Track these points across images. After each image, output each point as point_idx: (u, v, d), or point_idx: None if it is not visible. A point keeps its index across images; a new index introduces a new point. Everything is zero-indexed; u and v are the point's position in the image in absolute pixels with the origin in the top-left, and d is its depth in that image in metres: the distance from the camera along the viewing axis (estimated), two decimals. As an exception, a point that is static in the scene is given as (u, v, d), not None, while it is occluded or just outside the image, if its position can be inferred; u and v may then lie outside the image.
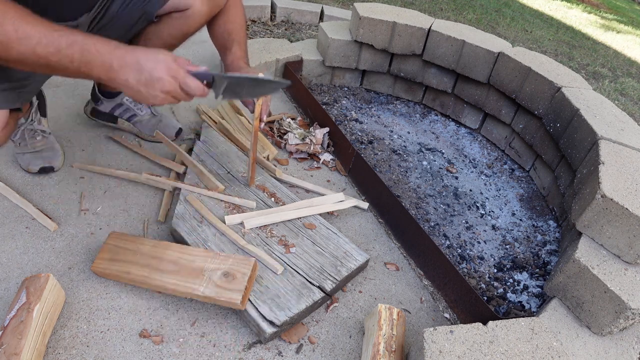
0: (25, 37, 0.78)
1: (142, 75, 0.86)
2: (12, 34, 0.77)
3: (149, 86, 0.87)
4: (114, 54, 0.84)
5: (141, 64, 0.85)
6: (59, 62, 0.81)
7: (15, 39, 0.77)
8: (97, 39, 0.84)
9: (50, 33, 0.80)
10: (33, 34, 0.78)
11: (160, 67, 0.86)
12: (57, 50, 0.80)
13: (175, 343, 1.00)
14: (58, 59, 0.81)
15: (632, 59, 4.33)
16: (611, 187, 1.16)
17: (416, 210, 1.55)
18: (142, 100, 0.89)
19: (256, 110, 1.21)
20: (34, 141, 1.35)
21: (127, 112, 1.52)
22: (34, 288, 0.94)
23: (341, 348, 1.07)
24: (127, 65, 0.85)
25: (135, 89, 0.87)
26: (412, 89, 2.23)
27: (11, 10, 0.77)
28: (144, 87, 0.87)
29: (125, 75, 0.85)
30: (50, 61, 0.81)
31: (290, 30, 2.83)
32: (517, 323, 0.98)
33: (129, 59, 0.85)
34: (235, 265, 1.05)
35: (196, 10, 1.23)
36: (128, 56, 0.85)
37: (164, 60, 0.87)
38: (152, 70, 0.86)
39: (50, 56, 0.80)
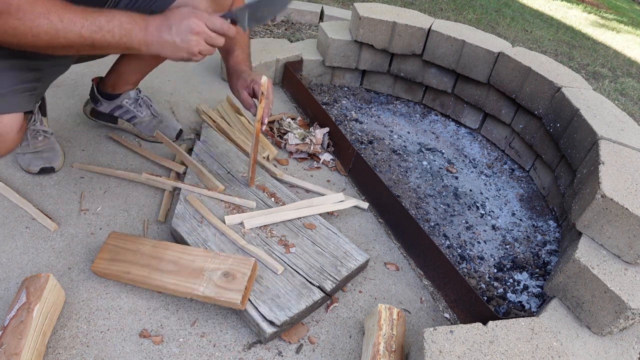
0: (70, 24, 0.87)
1: (172, 26, 0.95)
2: (58, 24, 0.86)
3: (180, 33, 0.95)
4: (146, 19, 0.95)
5: (169, 18, 0.96)
6: (103, 39, 0.91)
7: (62, 28, 0.86)
8: (129, 12, 0.94)
9: (90, 15, 0.89)
10: (76, 19, 0.88)
11: (185, 14, 0.96)
12: (99, 28, 0.89)
13: (175, 343, 1.00)
14: (101, 35, 0.90)
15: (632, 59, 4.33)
16: (611, 187, 1.16)
17: (416, 210, 1.55)
18: (178, 51, 0.97)
19: (258, 113, 1.21)
20: (35, 141, 1.35)
21: (127, 114, 1.52)
22: (34, 288, 0.94)
23: (341, 348, 1.07)
24: (159, 24, 0.95)
25: (170, 41, 0.95)
26: (412, 89, 2.23)
27: (53, 3, 0.86)
28: (176, 36, 0.95)
29: (160, 34, 0.95)
30: (94, 39, 0.90)
31: (290, 30, 2.83)
32: (517, 323, 0.98)
33: (159, 21, 0.96)
34: (235, 265, 1.05)
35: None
36: (157, 18, 0.96)
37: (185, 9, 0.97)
38: (180, 19, 0.95)
39: (94, 34, 0.90)
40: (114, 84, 1.47)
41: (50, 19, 0.85)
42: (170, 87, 1.91)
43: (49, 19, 0.85)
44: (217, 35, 1.00)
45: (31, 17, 0.84)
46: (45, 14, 0.85)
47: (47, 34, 0.86)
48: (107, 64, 1.47)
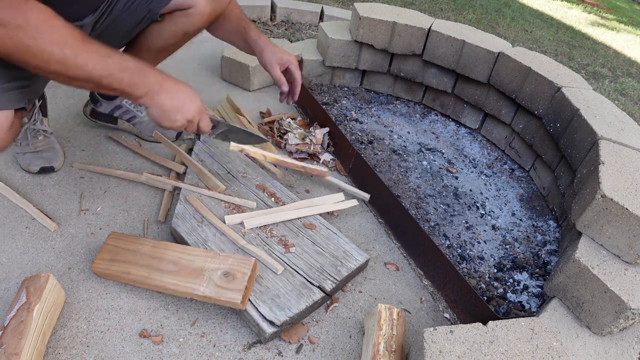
0: (83, 63, 0.85)
1: (176, 102, 0.99)
2: (71, 59, 0.84)
3: (178, 112, 1.00)
4: (156, 79, 0.97)
5: (178, 94, 1.00)
6: (109, 84, 0.91)
7: (73, 64, 0.85)
8: (143, 64, 0.96)
9: (105, 59, 0.88)
10: (89, 61, 0.86)
11: (192, 101, 1.02)
12: (110, 75, 0.89)
13: (175, 343, 1.00)
14: (109, 81, 0.90)
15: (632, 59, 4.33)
16: (611, 187, 1.16)
17: (416, 210, 1.55)
18: (164, 121, 1.01)
19: None
20: (35, 141, 1.35)
21: (127, 114, 1.52)
22: (34, 288, 0.94)
23: (341, 348, 1.07)
24: (167, 90, 0.98)
25: (165, 111, 0.99)
26: (412, 89, 2.23)
27: (72, 36, 0.84)
28: (174, 112, 1.00)
29: (163, 99, 0.98)
30: (101, 82, 0.90)
31: (290, 30, 2.83)
32: (517, 323, 0.98)
33: (169, 86, 0.99)
34: (236, 265, 1.05)
35: (199, 10, 1.23)
36: (168, 83, 0.99)
37: (195, 97, 1.04)
38: (184, 101, 1.01)
39: (103, 79, 0.89)
40: None
41: (64, 51, 0.83)
42: (170, 87, 1.91)
43: (63, 51, 0.83)
44: (196, 129, 1.09)
45: (46, 42, 0.81)
46: (61, 45, 0.83)
47: (57, 64, 0.84)
48: (107, 64, 1.46)
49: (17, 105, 1.02)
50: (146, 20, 1.22)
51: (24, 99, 1.04)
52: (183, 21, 1.25)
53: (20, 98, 1.03)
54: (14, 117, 1.01)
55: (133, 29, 1.24)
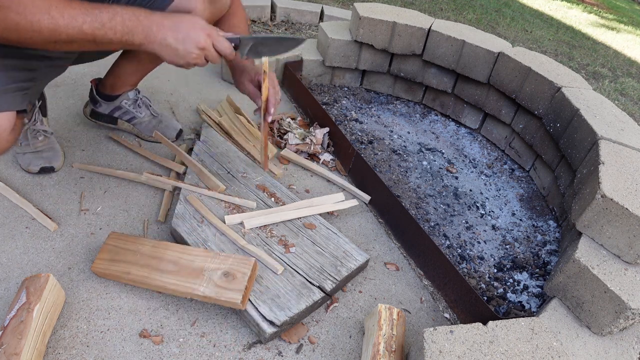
0: (71, 19, 0.85)
1: (179, 33, 0.94)
2: (59, 19, 0.84)
3: (186, 42, 0.95)
4: (151, 19, 0.93)
5: (178, 24, 0.95)
6: (105, 36, 0.89)
7: (63, 24, 0.85)
8: (134, 8, 0.92)
9: (92, 11, 0.87)
10: (78, 15, 0.86)
11: (197, 26, 0.96)
12: (102, 25, 0.88)
13: (175, 343, 1.00)
14: (103, 32, 0.89)
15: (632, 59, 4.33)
16: (611, 187, 1.16)
17: (416, 210, 1.55)
18: (178, 58, 0.97)
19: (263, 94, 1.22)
20: (35, 141, 1.35)
21: (127, 114, 1.52)
22: (34, 288, 0.94)
23: (341, 348, 1.07)
24: (165, 26, 0.94)
25: (173, 47, 0.95)
26: (412, 89, 2.23)
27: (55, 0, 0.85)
28: (181, 44, 0.95)
29: (164, 35, 0.94)
30: (96, 36, 0.89)
31: (290, 30, 2.83)
32: (517, 323, 0.98)
33: (166, 22, 0.94)
34: (235, 265, 1.05)
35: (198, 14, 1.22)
36: (165, 20, 0.94)
37: (199, 21, 0.97)
38: (189, 29, 0.95)
39: (96, 31, 0.88)
40: (113, 85, 1.47)
41: (51, 14, 0.84)
42: (170, 87, 1.91)
43: (50, 14, 0.84)
44: (217, 54, 1.02)
45: (32, 11, 0.82)
46: (46, 9, 0.84)
47: (48, 30, 0.85)
48: (107, 64, 1.47)
49: (19, 107, 1.02)
50: None
51: (25, 101, 1.04)
52: None
53: (22, 100, 1.03)
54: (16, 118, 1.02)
55: None
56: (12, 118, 1.00)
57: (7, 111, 0.99)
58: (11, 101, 1.00)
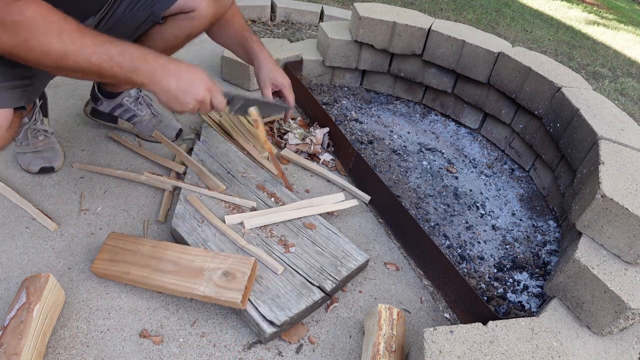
0: (81, 48, 0.86)
1: (182, 82, 0.96)
2: (70, 46, 0.85)
3: (187, 93, 0.97)
4: (158, 62, 0.95)
5: (182, 73, 0.97)
6: (110, 69, 0.90)
7: (72, 50, 0.85)
8: (143, 48, 0.94)
9: (103, 44, 0.88)
10: (88, 44, 0.86)
11: (199, 79, 0.99)
12: (110, 58, 0.89)
13: (175, 343, 1.00)
14: (110, 66, 0.89)
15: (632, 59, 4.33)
16: (611, 187, 1.16)
17: (416, 210, 1.55)
18: (175, 105, 0.99)
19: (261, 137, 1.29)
20: (36, 141, 1.35)
21: (127, 113, 1.52)
22: (34, 288, 0.94)
23: (341, 348, 1.07)
24: (170, 72, 0.96)
25: (173, 94, 0.97)
26: (412, 89, 2.23)
27: (68, 25, 0.85)
28: (182, 93, 0.97)
29: (168, 81, 0.95)
30: (102, 68, 0.89)
31: (290, 30, 2.83)
32: (517, 323, 0.98)
33: (172, 68, 0.96)
34: (235, 265, 1.05)
35: (202, 13, 1.23)
36: (171, 65, 0.96)
37: (202, 74, 1.00)
38: (192, 80, 0.97)
39: (103, 64, 0.88)
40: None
41: (62, 39, 0.84)
42: (170, 87, 1.91)
43: (62, 39, 0.84)
44: (210, 108, 1.05)
45: (44, 32, 0.82)
46: (58, 33, 0.84)
47: (56, 54, 0.85)
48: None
49: (16, 104, 1.02)
50: (148, 22, 1.22)
51: (23, 98, 1.04)
52: (186, 24, 1.25)
53: (20, 97, 1.03)
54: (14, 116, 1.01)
55: (135, 31, 1.24)
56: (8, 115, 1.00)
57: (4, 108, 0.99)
58: (8, 98, 1.00)
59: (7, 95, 1.00)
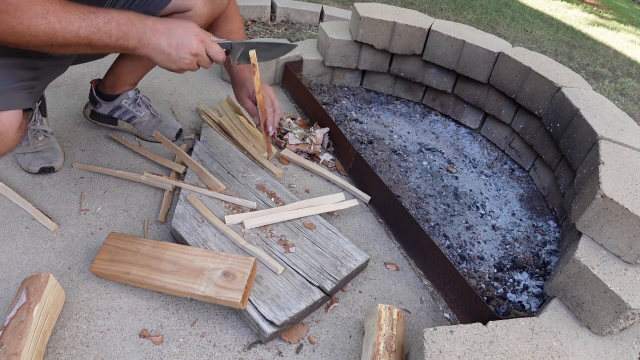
0: (68, 24, 0.87)
1: (173, 39, 0.95)
2: (56, 24, 0.86)
3: (179, 48, 0.96)
4: (145, 24, 0.94)
5: (172, 30, 0.96)
6: (100, 39, 0.91)
7: (59, 28, 0.86)
8: (129, 12, 0.94)
9: (88, 15, 0.89)
10: (74, 19, 0.87)
11: (190, 32, 0.97)
12: (97, 29, 0.90)
13: (175, 343, 1.00)
14: (99, 36, 0.90)
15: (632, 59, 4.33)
16: (611, 187, 1.16)
17: (416, 210, 1.55)
18: (170, 63, 0.98)
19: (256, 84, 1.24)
20: (35, 141, 1.35)
21: (127, 114, 1.52)
22: (34, 288, 0.94)
23: (341, 348, 1.07)
24: (159, 31, 0.95)
25: (166, 52, 0.96)
26: (412, 89, 2.23)
27: (51, 3, 0.86)
28: (174, 50, 0.96)
29: (158, 40, 0.95)
30: (92, 40, 0.90)
31: (290, 30, 2.83)
32: (517, 323, 0.98)
33: (160, 26, 0.95)
34: (235, 265, 1.05)
35: (197, 12, 1.23)
36: (159, 24, 0.95)
37: (192, 27, 0.99)
38: (183, 35, 0.96)
39: (92, 35, 0.89)
40: (113, 84, 1.47)
41: (48, 19, 0.85)
42: (170, 87, 1.91)
43: (47, 19, 0.85)
44: (209, 60, 1.03)
45: (29, 16, 0.84)
46: (43, 14, 0.85)
47: (45, 34, 0.86)
48: (107, 64, 1.47)
49: (26, 105, 1.03)
50: None
51: (30, 99, 1.05)
52: None
53: (28, 97, 1.04)
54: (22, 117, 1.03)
55: None
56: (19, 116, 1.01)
57: (15, 109, 1.00)
58: (18, 99, 1.01)
59: (18, 97, 1.01)
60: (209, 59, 1.03)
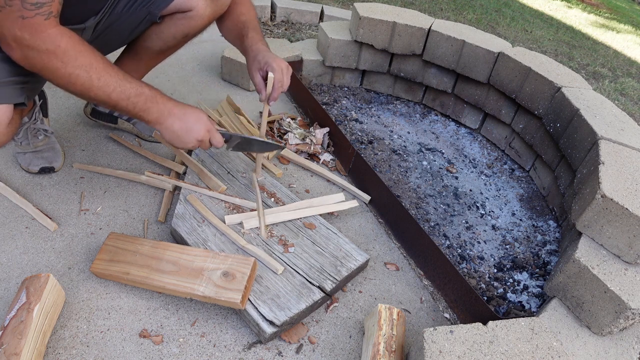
0: (104, 85, 0.95)
1: (184, 124, 1.05)
2: (95, 81, 0.93)
3: (188, 134, 1.06)
4: (166, 105, 1.04)
5: (186, 115, 1.06)
6: (125, 107, 0.99)
7: (96, 85, 0.94)
8: (157, 91, 1.03)
9: (123, 83, 0.97)
10: (111, 82, 0.95)
11: (200, 122, 1.07)
12: (127, 98, 0.98)
13: (175, 343, 1.00)
14: (125, 104, 0.99)
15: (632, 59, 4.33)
16: (611, 187, 1.16)
17: (416, 210, 1.55)
18: (177, 142, 1.07)
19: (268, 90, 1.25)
20: (36, 140, 1.35)
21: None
22: (34, 288, 0.94)
23: (341, 348, 1.07)
24: (175, 115, 1.05)
25: (177, 134, 1.05)
26: (412, 89, 2.23)
27: (96, 60, 0.93)
28: (184, 133, 1.06)
29: (172, 123, 1.04)
30: (118, 104, 0.98)
31: (290, 30, 2.83)
32: (517, 323, 0.98)
33: (177, 110, 1.05)
34: (235, 265, 1.05)
35: (199, 12, 1.23)
36: (176, 108, 1.05)
37: (203, 118, 1.08)
38: (194, 123, 1.06)
39: (120, 101, 0.98)
40: None
41: (90, 74, 0.92)
42: (170, 87, 1.91)
43: (89, 74, 0.92)
44: (210, 146, 1.12)
45: (74, 65, 0.90)
46: (86, 68, 0.91)
47: (82, 86, 0.93)
48: (107, 64, 1.46)
49: (16, 100, 1.02)
50: (146, 21, 1.22)
51: (23, 95, 1.04)
52: (183, 23, 1.25)
53: (20, 93, 1.03)
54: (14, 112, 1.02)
55: (133, 30, 1.24)
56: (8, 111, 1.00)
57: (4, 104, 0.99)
58: (8, 94, 1.00)
59: (7, 91, 1.00)
60: (210, 145, 1.12)
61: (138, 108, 1.00)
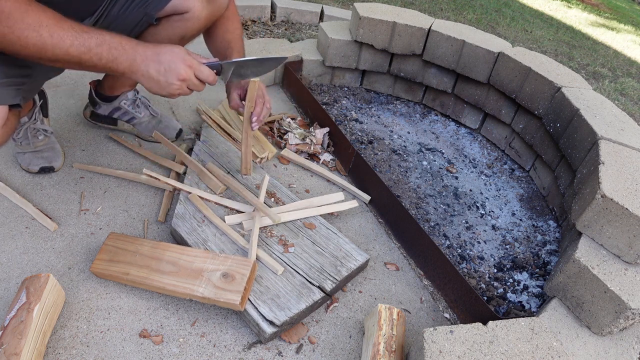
0: (59, 40, 0.87)
1: (161, 65, 0.96)
2: (47, 39, 0.86)
3: (167, 75, 0.96)
4: (136, 50, 0.95)
5: (160, 57, 0.96)
6: (90, 60, 0.91)
7: (50, 43, 0.86)
8: (121, 37, 0.94)
9: (81, 35, 0.89)
10: (66, 37, 0.87)
11: (177, 58, 0.97)
12: (88, 50, 0.90)
13: (175, 343, 1.00)
14: (89, 57, 0.90)
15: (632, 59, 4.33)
16: (611, 187, 1.16)
17: (416, 210, 1.55)
18: (160, 89, 0.98)
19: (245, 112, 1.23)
20: (35, 140, 1.35)
21: (126, 115, 1.52)
22: (34, 288, 0.94)
23: (341, 348, 1.07)
24: (148, 58, 0.95)
25: (155, 79, 0.96)
26: (412, 89, 2.23)
27: (46, 17, 0.86)
28: (162, 76, 0.96)
29: (147, 67, 0.95)
30: (81, 59, 0.90)
31: (290, 30, 2.83)
32: (517, 323, 0.98)
33: (149, 53, 0.96)
34: (235, 266, 1.05)
35: (196, 14, 1.22)
36: (148, 51, 0.96)
37: (180, 52, 0.98)
38: (170, 61, 0.96)
39: (82, 55, 0.90)
40: (112, 86, 1.47)
41: (40, 32, 0.85)
42: (170, 87, 1.91)
43: (39, 33, 0.85)
44: (200, 83, 1.02)
45: (21, 27, 0.83)
46: (36, 26, 0.84)
47: (35, 47, 0.86)
48: (107, 64, 1.46)
49: (11, 102, 1.01)
50: (143, 23, 1.22)
51: (18, 96, 1.03)
52: (179, 25, 1.24)
53: (15, 94, 1.02)
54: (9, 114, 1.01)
55: (129, 32, 1.23)
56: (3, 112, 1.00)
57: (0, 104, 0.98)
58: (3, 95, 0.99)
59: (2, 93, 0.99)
60: (200, 82, 1.02)
61: (105, 59, 0.92)
